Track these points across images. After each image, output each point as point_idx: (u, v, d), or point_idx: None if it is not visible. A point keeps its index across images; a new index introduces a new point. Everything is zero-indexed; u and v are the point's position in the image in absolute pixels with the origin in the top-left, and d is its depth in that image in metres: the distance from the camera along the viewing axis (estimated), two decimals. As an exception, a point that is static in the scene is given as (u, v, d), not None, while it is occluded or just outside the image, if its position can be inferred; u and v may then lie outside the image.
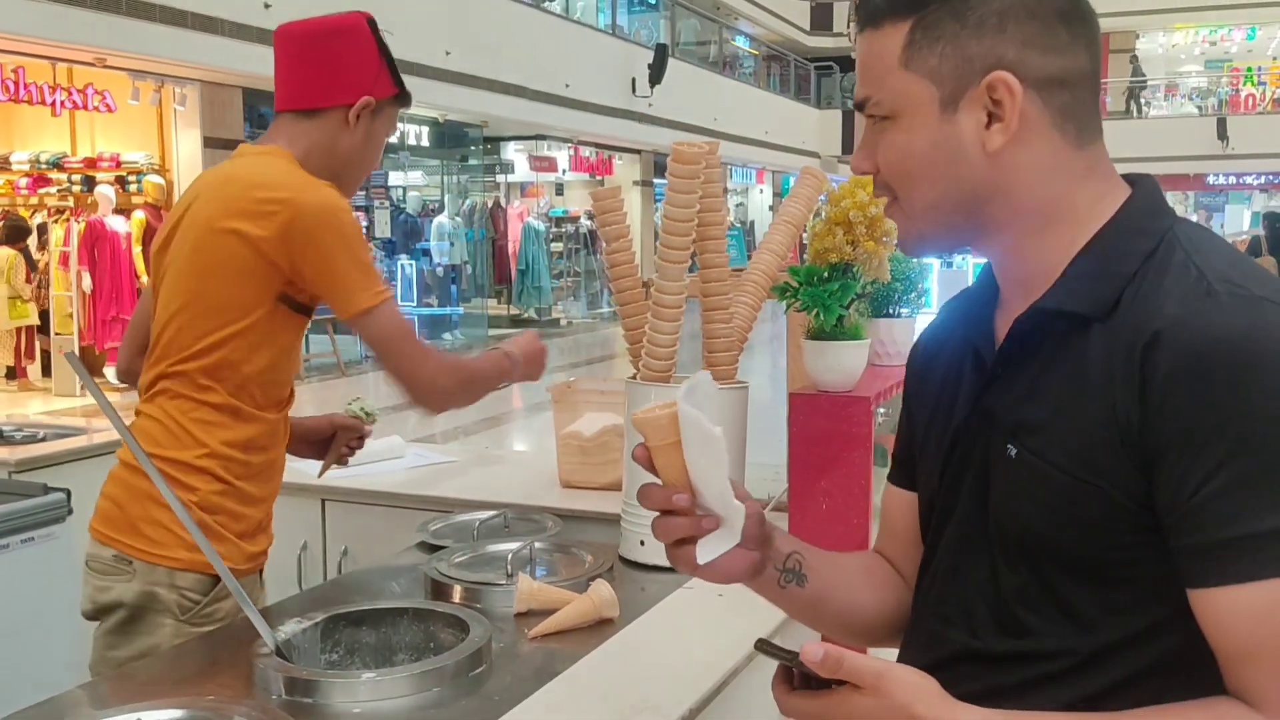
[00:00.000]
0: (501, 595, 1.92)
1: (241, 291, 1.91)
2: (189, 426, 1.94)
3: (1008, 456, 1.03)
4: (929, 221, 1.09)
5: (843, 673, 0.97)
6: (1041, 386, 1.02)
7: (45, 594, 2.85)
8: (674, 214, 2.04)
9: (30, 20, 8.60)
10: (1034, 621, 1.03)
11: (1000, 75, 1.01)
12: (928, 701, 0.97)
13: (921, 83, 1.04)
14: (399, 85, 2.11)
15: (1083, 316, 1.01)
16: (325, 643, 1.77)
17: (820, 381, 2.09)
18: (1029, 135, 1.03)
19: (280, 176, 1.93)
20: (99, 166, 11.34)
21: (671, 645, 1.75)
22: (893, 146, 1.07)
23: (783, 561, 1.19)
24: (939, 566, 1.14)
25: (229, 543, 1.97)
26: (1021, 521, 1.02)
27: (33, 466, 3.28)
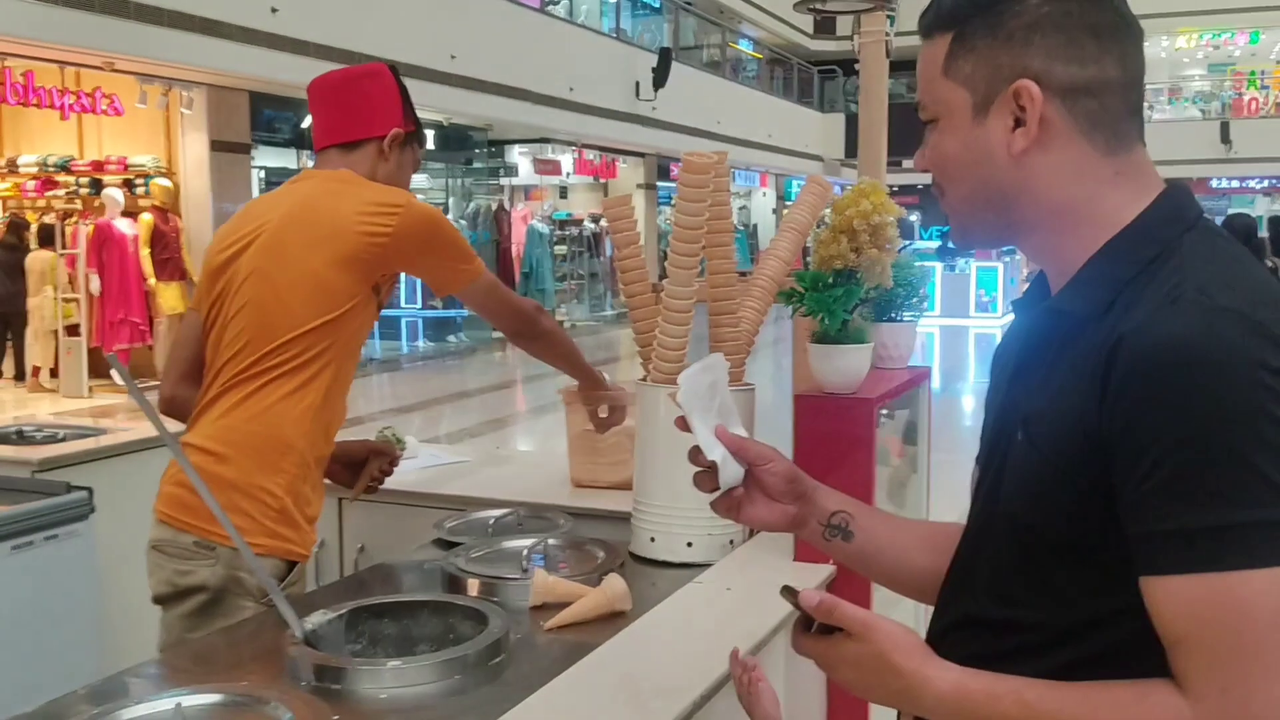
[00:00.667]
0: (517, 589, 1.98)
1: (351, 279, 2.14)
2: (287, 403, 2.13)
3: (1017, 441, 1.12)
4: (966, 216, 1.19)
5: (834, 618, 1.11)
6: (1048, 380, 1.09)
7: (69, 590, 2.92)
8: (684, 221, 2.11)
9: (39, 24, 8.67)
10: (1021, 594, 1.11)
11: (1024, 83, 1.10)
12: (906, 652, 1.10)
13: (958, 89, 1.14)
14: (419, 125, 2.39)
15: (1076, 316, 1.08)
16: (350, 633, 1.83)
17: (825, 384, 2.16)
18: (1052, 140, 1.11)
19: (384, 188, 2.23)
20: (106, 169, 11.41)
21: (684, 635, 1.82)
22: (936, 147, 1.18)
23: (827, 518, 1.35)
24: (966, 538, 1.24)
25: (303, 530, 2.16)
26: (1016, 502, 1.11)
27: (54, 466, 3.34)
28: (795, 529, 1.38)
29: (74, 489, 2.98)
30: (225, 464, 2.10)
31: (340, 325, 2.15)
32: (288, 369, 2.13)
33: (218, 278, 2.22)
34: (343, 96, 2.33)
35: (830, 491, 1.38)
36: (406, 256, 2.20)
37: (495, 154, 18.63)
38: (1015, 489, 1.12)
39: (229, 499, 2.06)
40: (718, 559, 2.16)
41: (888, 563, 1.38)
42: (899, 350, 2.45)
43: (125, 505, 3.36)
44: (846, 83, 28.85)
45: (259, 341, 2.13)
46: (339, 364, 2.19)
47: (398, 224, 2.13)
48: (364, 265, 2.15)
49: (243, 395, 2.13)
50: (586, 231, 19.56)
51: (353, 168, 2.27)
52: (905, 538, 1.39)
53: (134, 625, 3.31)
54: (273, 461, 2.12)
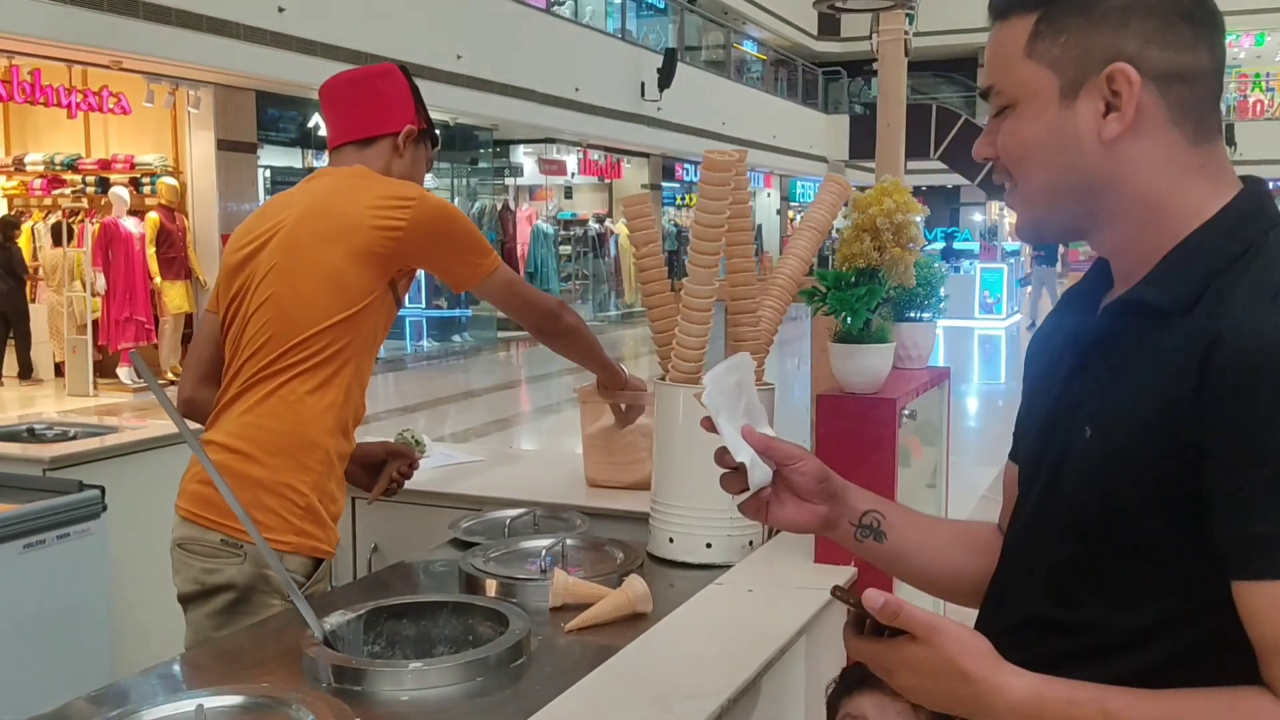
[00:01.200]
0: (537, 590, 1.96)
1: (366, 275, 2.13)
2: (309, 401, 2.12)
3: (1083, 436, 1.08)
4: (1044, 207, 1.14)
5: (899, 621, 1.05)
6: (1120, 374, 1.06)
7: (81, 590, 2.90)
8: (705, 220, 2.10)
9: (47, 23, 8.67)
10: (1083, 595, 1.08)
11: (1120, 66, 1.06)
12: (975, 657, 1.04)
13: (1043, 72, 1.10)
14: (431, 124, 2.40)
15: (1162, 310, 1.04)
16: (368, 634, 1.81)
17: (846, 384, 2.14)
18: (1144, 127, 1.07)
19: (398, 181, 2.23)
20: (113, 168, 11.42)
21: (706, 638, 1.80)
22: (1013, 133, 1.13)
23: (858, 518, 1.32)
24: (1016, 536, 1.20)
25: (328, 528, 2.16)
26: (1081, 498, 1.07)
27: (66, 464, 3.33)
28: (826, 530, 1.34)
29: (86, 487, 2.96)
30: (251, 462, 2.10)
31: (359, 321, 2.15)
32: (309, 365, 2.12)
33: (236, 275, 2.21)
34: (356, 94, 2.34)
35: (860, 491, 1.35)
36: (421, 250, 2.19)
37: (500, 154, 18.62)
38: (1081, 487, 1.08)
39: (255, 497, 2.07)
40: (737, 560, 2.15)
41: (920, 563, 1.35)
42: (918, 350, 2.43)
43: (137, 504, 3.35)
44: (851, 84, 28.86)
45: (280, 338, 2.13)
46: (359, 360, 2.18)
47: (411, 217, 2.13)
48: (380, 260, 2.14)
49: (265, 393, 2.13)
50: (591, 232, 19.55)
51: (367, 164, 2.27)
52: (938, 538, 1.36)
53: (147, 625, 3.31)
54: (299, 459, 2.12)
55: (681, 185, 23.08)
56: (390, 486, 2.51)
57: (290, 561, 2.09)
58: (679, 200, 23.26)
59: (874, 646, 1.10)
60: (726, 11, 24.07)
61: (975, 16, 17.73)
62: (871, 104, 28.84)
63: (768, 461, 1.29)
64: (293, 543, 2.10)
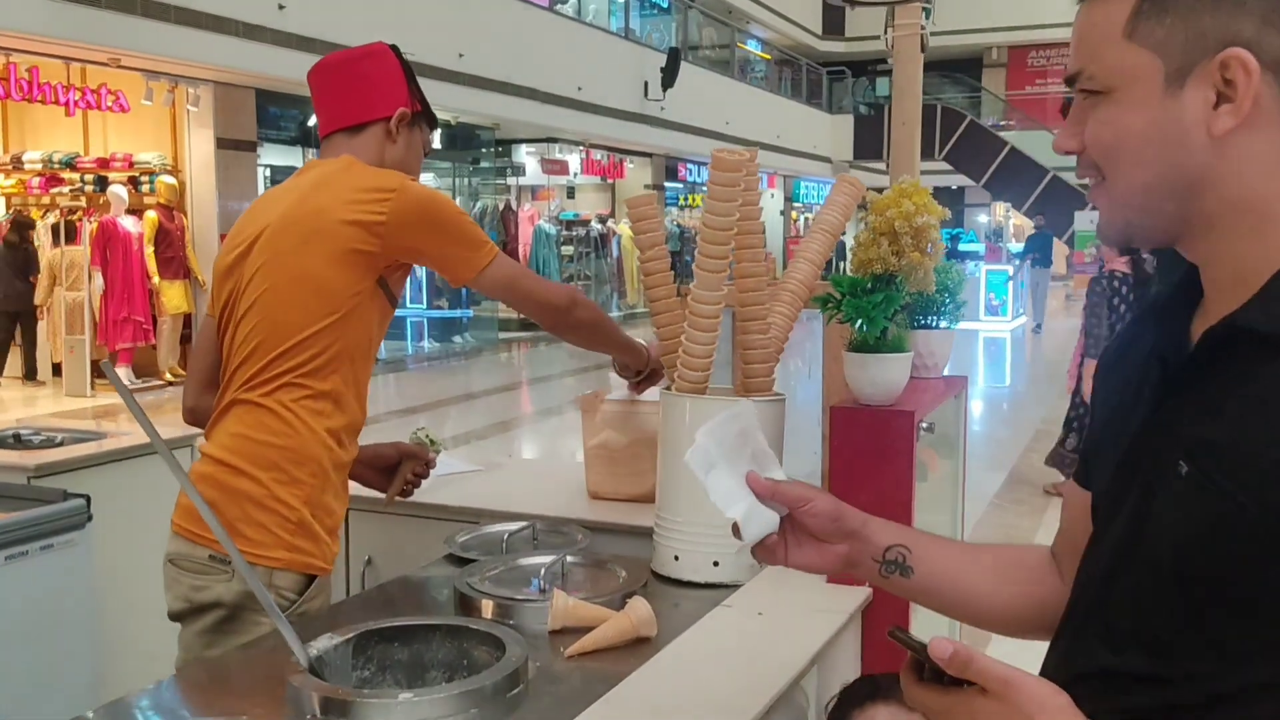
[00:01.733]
0: (535, 612, 1.87)
1: (349, 275, 2.03)
2: (299, 412, 2.05)
3: (1178, 473, 0.96)
4: (1137, 208, 1.02)
5: (970, 673, 0.95)
6: (1225, 405, 0.95)
7: (66, 602, 2.81)
8: (713, 222, 2.00)
9: (44, 20, 8.60)
10: (1177, 646, 0.97)
11: (1236, 52, 0.94)
12: (1054, 714, 0.93)
13: (1146, 55, 0.98)
14: (426, 104, 2.27)
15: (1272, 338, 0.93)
16: (357, 659, 1.72)
17: (861, 395, 2.04)
18: (1260, 122, 0.96)
19: (378, 172, 2.10)
20: (111, 166, 11.36)
21: (715, 665, 1.71)
22: (1106, 123, 1.01)
23: (881, 554, 1.25)
24: (1091, 574, 1.09)
25: (322, 543, 2.07)
26: (1180, 542, 0.96)
27: (51, 472, 3.24)
28: (848, 569, 1.27)
29: (71, 496, 2.88)
30: (241, 476, 2.02)
31: (346, 325, 2.05)
32: (297, 374, 2.03)
33: (227, 280, 2.13)
34: (344, 79, 2.23)
35: (883, 524, 1.28)
36: (406, 244, 2.07)
37: (502, 153, 18.55)
38: (1179, 529, 0.96)
39: (245, 511, 2.00)
40: (746, 579, 2.05)
41: (953, 597, 1.27)
42: (935, 359, 2.33)
43: (125, 513, 3.26)
44: (855, 84, 28.80)
45: (267, 346, 2.04)
46: (352, 365, 2.09)
47: (391, 209, 2.02)
48: (363, 258, 2.03)
49: (255, 404, 2.05)
50: (593, 232, 19.47)
51: (358, 153, 2.16)
52: (972, 569, 1.27)
53: (133, 639, 3.22)
54: (289, 473, 2.03)
55: (685, 185, 23.01)
56: (406, 488, 2.43)
57: (282, 578, 2.01)
58: (682, 200, 23.19)
59: (940, 698, 0.99)
60: (730, 11, 23.99)
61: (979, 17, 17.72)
62: (876, 104, 28.86)
63: (776, 507, 1.25)
64: (284, 558, 2.02)
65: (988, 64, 30.90)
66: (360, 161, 2.14)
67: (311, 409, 2.05)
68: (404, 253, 2.09)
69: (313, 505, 2.05)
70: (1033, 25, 26.97)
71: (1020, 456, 8.57)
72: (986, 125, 24.70)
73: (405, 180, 2.08)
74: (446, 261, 2.13)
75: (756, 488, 1.24)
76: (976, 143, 23.16)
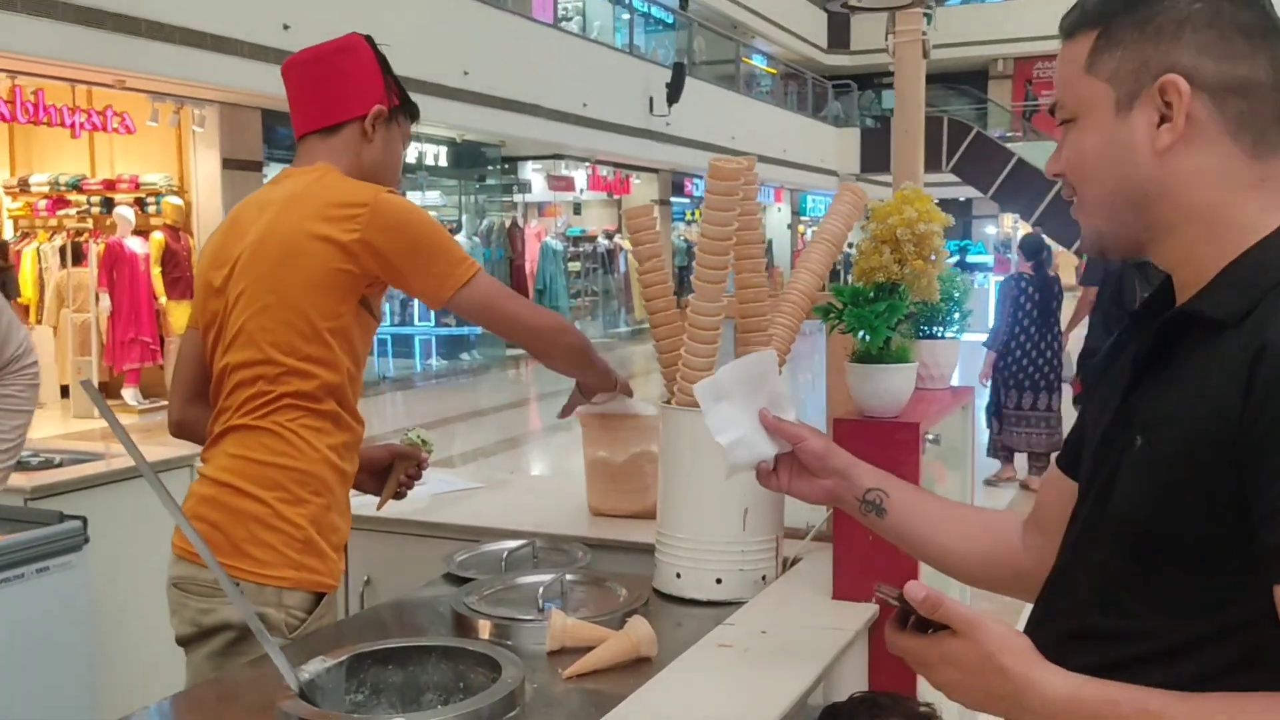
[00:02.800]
0: (533, 632, 1.83)
1: (331, 297, 1.98)
2: (300, 432, 2.00)
3: (1135, 448, 1.08)
4: (1103, 219, 1.16)
5: (939, 615, 1.09)
6: (1173, 384, 1.07)
7: (62, 626, 2.77)
8: (711, 232, 1.96)
9: (50, 42, 8.61)
10: (1132, 605, 1.08)
11: (1171, 78, 1.08)
12: (1014, 654, 1.07)
13: (1100, 85, 1.13)
14: (405, 96, 2.19)
15: (1215, 320, 1.04)
16: (350, 682, 1.68)
17: (865, 407, 2.00)
18: (1199, 139, 1.09)
19: (352, 184, 2.02)
20: (118, 188, 11.36)
21: (718, 686, 1.66)
22: (1073, 146, 1.16)
23: (862, 494, 1.48)
24: (1066, 548, 1.20)
25: (330, 560, 2.05)
26: (1132, 508, 1.07)
27: (49, 493, 3.21)
28: (834, 502, 1.55)
29: (67, 518, 2.84)
30: (244, 497, 1.99)
31: (337, 345, 2.01)
32: (295, 397, 2.00)
33: (213, 298, 2.09)
34: (315, 76, 2.13)
35: (871, 470, 1.51)
36: (380, 261, 1.97)
37: (508, 170, 18.56)
38: (1132, 495, 1.08)
39: (251, 532, 1.97)
40: (749, 596, 2.00)
41: (922, 545, 1.47)
42: (941, 369, 2.29)
43: (124, 534, 3.23)
44: (861, 97, 28.81)
45: (261, 372, 2.01)
46: (345, 382, 2.05)
47: (365, 224, 1.95)
48: (342, 278, 1.97)
49: (254, 426, 2.01)
50: (600, 248, 19.45)
51: (333, 156, 2.09)
52: (942, 524, 1.46)
53: (131, 662, 3.18)
54: (293, 492, 2.00)
55: (691, 200, 22.99)
56: (399, 490, 2.40)
57: (291, 597, 1.98)
58: (688, 215, 23.17)
59: (915, 641, 1.14)
60: (735, 25, 24.02)
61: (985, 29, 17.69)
62: (882, 117, 28.85)
63: (780, 443, 1.53)
64: (291, 578, 1.99)
65: (993, 76, 30.87)
66: (335, 170, 2.07)
67: (312, 428, 2.02)
68: (378, 271, 1.99)
69: (319, 523, 2.02)
70: (1038, 37, 26.93)
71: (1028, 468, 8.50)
72: (993, 137, 24.65)
73: (379, 194, 1.99)
74: (420, 282, 2.01)
75: (765, 422, 1.52)
76: (983, 154, 23.09)
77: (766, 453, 1.52)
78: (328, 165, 2.08)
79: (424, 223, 2.02)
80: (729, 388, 1.53)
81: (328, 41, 2.16)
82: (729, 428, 1.52)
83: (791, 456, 1.54)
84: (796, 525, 2.28)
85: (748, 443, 1.51)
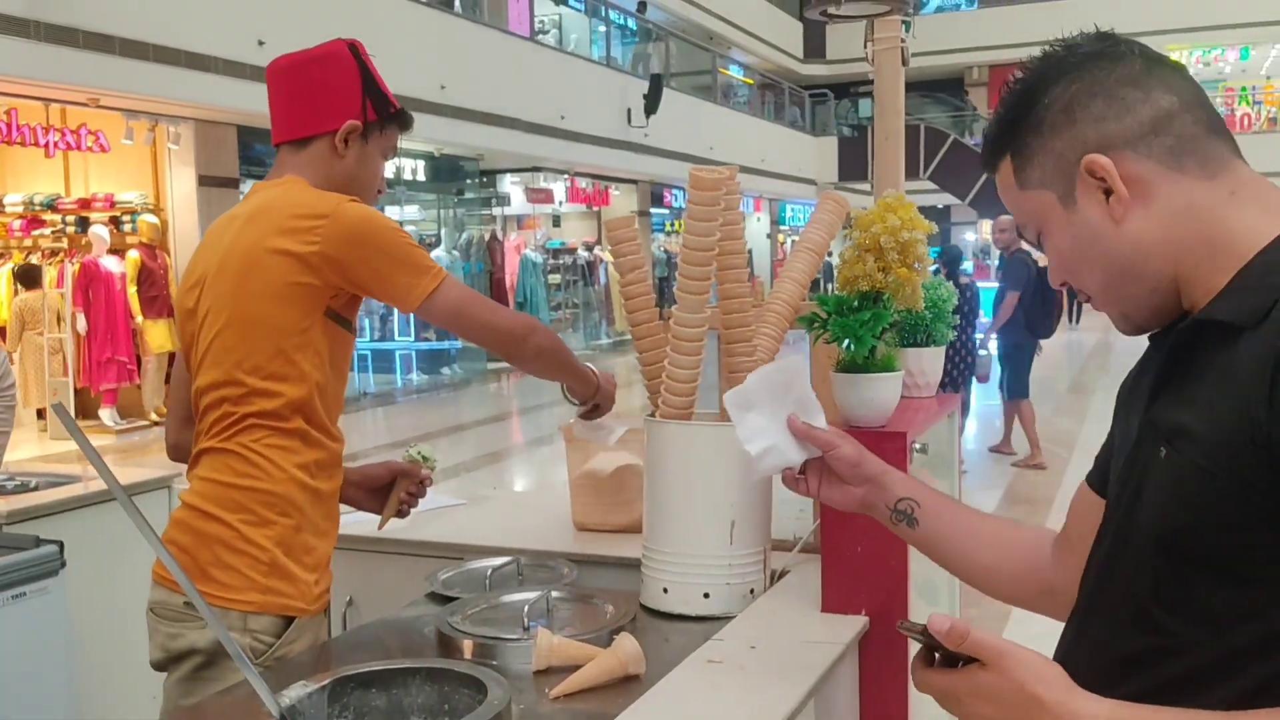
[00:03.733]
0: (519, 651, 1.80)
1: (292, 311, 1.93)
2: (265, 452, 1.96)
3: (1160, 459, 1.06)
4: (1115, 301, 1.17)
5: (966, 646, 1.04)
6: (1194, 392, 1.05)
7: (39, 652, 2.73)
8: (694, 243, 1.94)
9: (22, 61, 8.54)
10: (1168, 621, 1.05)
11: (1090, 158, 1.10)
12: (1048, 683, 1.02)
13: (1040, 194, 1.16)
14: (389, 109, 2.11)
15: (1232, 325, 1.03)
16: (333, 707, 1.65)
17: (851, 417, 1.98)
18: (1148, 190, 1.10)
19: (313, 196, 1.97)
20: (93, 207, 11.27)
21: (707, 703, 1.63)
22: (1055, 253, 1.19)
23: (894, 503, 1.47)
24: (1097, 563, 1.18)
25: (300, 582, 1.98)
26: (1162, 518, 1.05)
27: (25, 518, 3.16)
28: (865, 510, 1.51)
29: (44, 542, 2.80)
30: (211, 520, 1.96)
31: (300, 361, 1.96)
32: (259, 416, 1.96)
33: (189, 320, 2.07)
34: (292, 85, 2.07)
35: (903, 478, 1.50)
36: (343, 271, 1.93)
37: (487, 184, 18.53)
38: (1161, 506, 1.06)
39: (216, 555, 1.94)
40: (738, 610, 1.98)
41: (952, 557, 1.46)
42: (927, 377, 2.27)
43: (100, 559, 3.18)
44: (838, 106, 28.90)
45: (226, 392, 1.98)
46: (311, 399, 1.99)
47: (324, 236, 1.90)
48: (302, 291, 1.93)
49: (221, 449, 1.98)
50: (580, 260, 19.42)
51: (302, 170, 2.04)
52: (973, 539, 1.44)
53: (110, 688, 3.13)
54: (257, 514, 1.95)
55: (671, 211, 22.99)
56: (401, 509, 2.34)
57: (257, 622, 1.94)
58: (668, 227, 23.17)
59: (943, 677, 1.09)
60: (712, 37, 24.06)
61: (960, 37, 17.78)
62: (859, 126, 28.93)
63: (810, 449, 1.52)
64: (257, 601, 1.94)
65: (969, 83, 31.01)
66: (301, 182, 2.02)
67: (278, 447, 1.97)
68: (344, 283, 1.95)
69: (287, 545, 1.97)
70: (1012, 44, 27.09)
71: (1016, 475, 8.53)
72: (970, 144, 24.77)
73: (340, 204, 1.94)
74: (389, 289, 1.97)
75: (795, 429, 1.51)
76: (961, 161, 23.20)
77: (795, 459, 1.52)
78: (295, 178, 2.03)
79: (386, 231, 1.96)
80: (757, 395, 1.53)
81: (313, 47, 2.10)
82: (758, 437, 1.52)
83: (821, 462, 1.53)
84: (784, 537, 2.25)
85: (777, 450, 1.51)
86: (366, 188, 2.11)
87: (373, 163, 2.10)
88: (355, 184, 2.08)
